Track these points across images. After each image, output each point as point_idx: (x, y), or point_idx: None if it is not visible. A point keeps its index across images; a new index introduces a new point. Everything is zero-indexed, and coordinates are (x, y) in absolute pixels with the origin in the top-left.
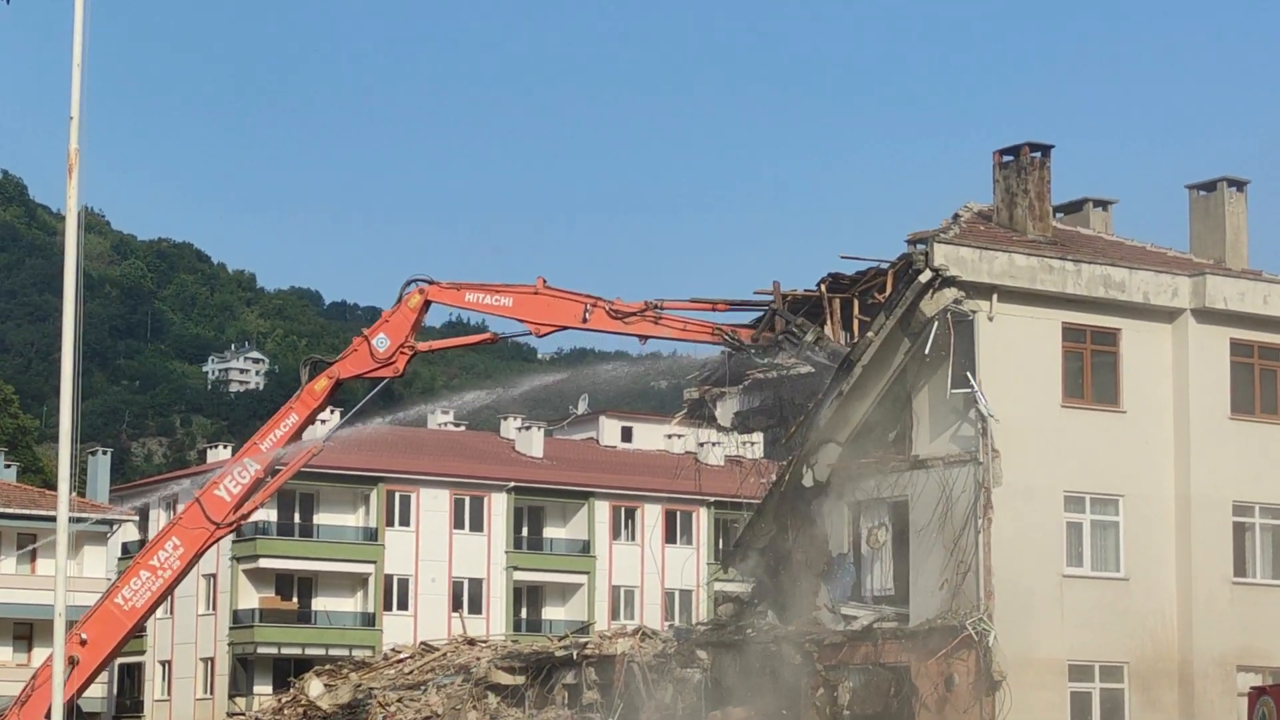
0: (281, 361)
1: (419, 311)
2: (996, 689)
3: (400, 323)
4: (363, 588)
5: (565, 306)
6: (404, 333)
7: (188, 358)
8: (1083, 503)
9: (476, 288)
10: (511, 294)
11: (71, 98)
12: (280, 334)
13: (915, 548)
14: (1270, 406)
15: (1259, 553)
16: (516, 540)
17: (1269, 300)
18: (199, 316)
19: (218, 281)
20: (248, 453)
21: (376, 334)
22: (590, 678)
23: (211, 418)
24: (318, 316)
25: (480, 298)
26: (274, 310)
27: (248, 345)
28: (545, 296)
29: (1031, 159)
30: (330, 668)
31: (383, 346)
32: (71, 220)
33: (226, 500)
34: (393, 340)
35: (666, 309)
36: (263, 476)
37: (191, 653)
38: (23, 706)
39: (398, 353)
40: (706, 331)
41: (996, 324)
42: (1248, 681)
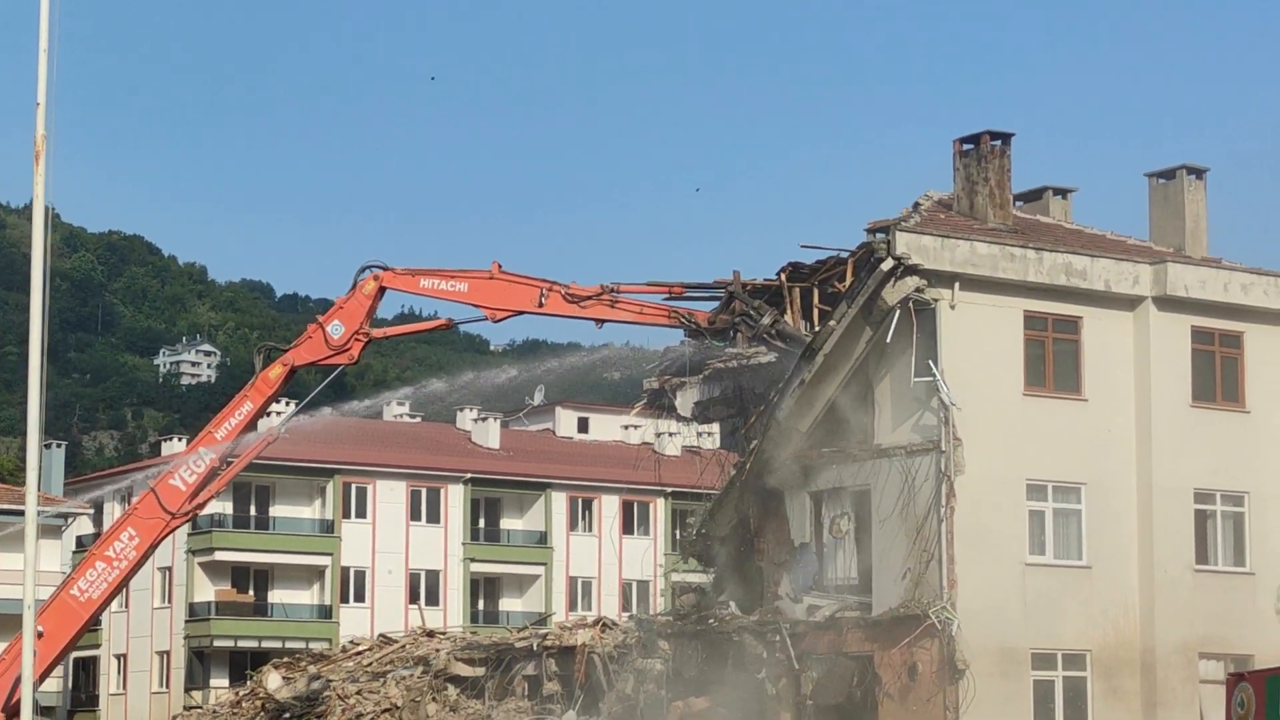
0: (233, 354)
1: (374, 298)
2: (960, 678)
3: (355, 309)
4: (319, 580)
5: (521, 291)
6: (359, 319)
7: (139, 351)
8: (1045, 491)
9: (431, 273)
10: (467, 279)
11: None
12: (232, 326)
13: (878, 537)
14: (1231, 394)
15: (1220, 540)
16: (473, 532)
17: (1229, 288)
18: (150, 309)
19: (168, 274)
20: (202, 442)
21: (331, 321)
22: (551, 669)
23: (163, 410)
24: (269, 309)
25: (435, 283)
26: (225, 303)
27: (199, 338)
28: (500, 281)
29: (992, 147)
30: (288, 660)
31: (337, 333)
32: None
33: (182, 490)
34: (347, 327)
35: (623, 293)
36: (218, 466)
37: (147, 646)
38: None
39: (352, 339)
40: (663, 315)
41: (958, 312)
42: (1209, 669)
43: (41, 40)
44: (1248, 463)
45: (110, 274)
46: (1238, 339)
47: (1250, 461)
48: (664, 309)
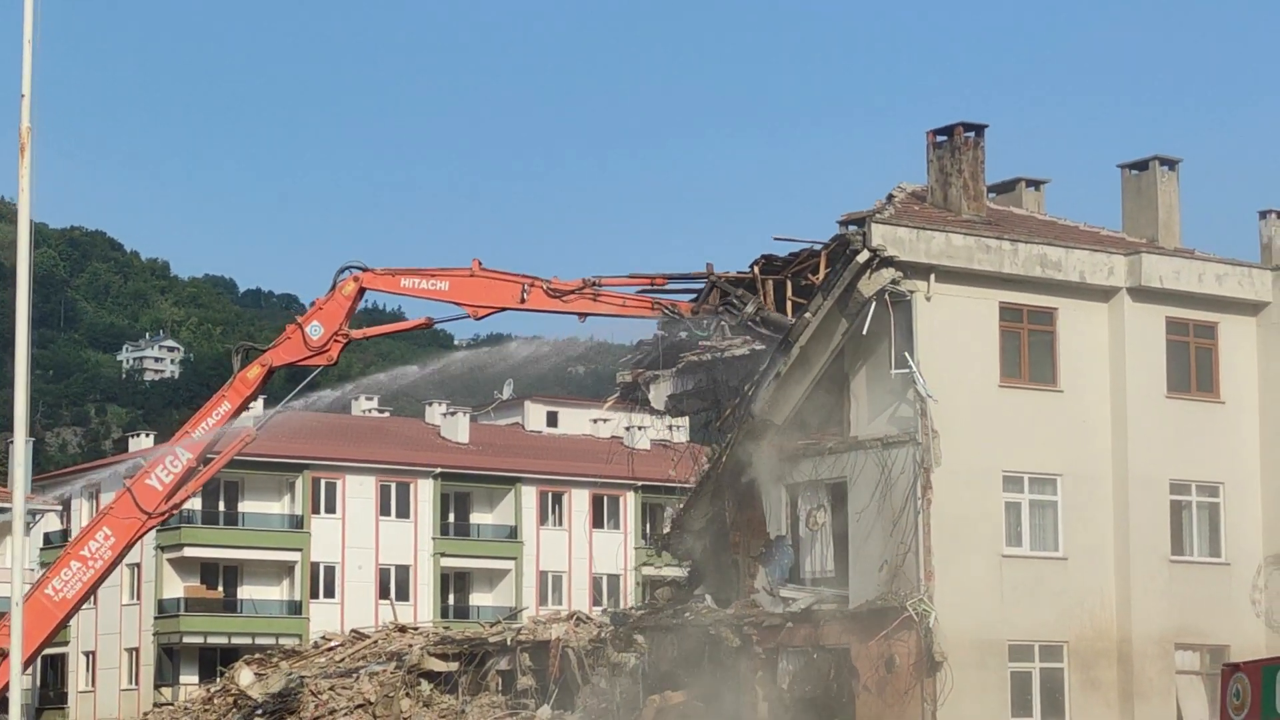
0: (196, 350)
1: (353, 299)
2: (937, 670)
3: (334, 310)
4: (289, 576)
5: (502, 287)
6: (338, 320)
7: (102, 347)
8: (1021, 482)
9: (411, 273)
10: (447, 278)
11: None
12: (195, 322)
13: (854, 529)
14: (1206, 385)
15: (1195, 531)
16: (443, 526)
17: (1203, 278)
18: (112, 305)
19: (131, 270)
20: (179, 441)
21: (310, 321)
22: (525, 664)
23: (127, 406)
24: (232, 304)
25: (416, 283)
26: (188, 298)
27: (162, 334)
28: (481, 278)
29: (965, 139)
30: (260, 656)
31: (316, 334)
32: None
33: (158, 489)
34: (327, 328)
35: (604, 286)
36: (195, 465)
37: (116, 643)
38: None
39: (331, 340)
40: (646, 306)
41: (934, 304)
42: (1186, 660)
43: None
44: (1222, 453)
45: (72, 270)
46: (1212, 329)
47: (1225, 452)
48: (647, 300)
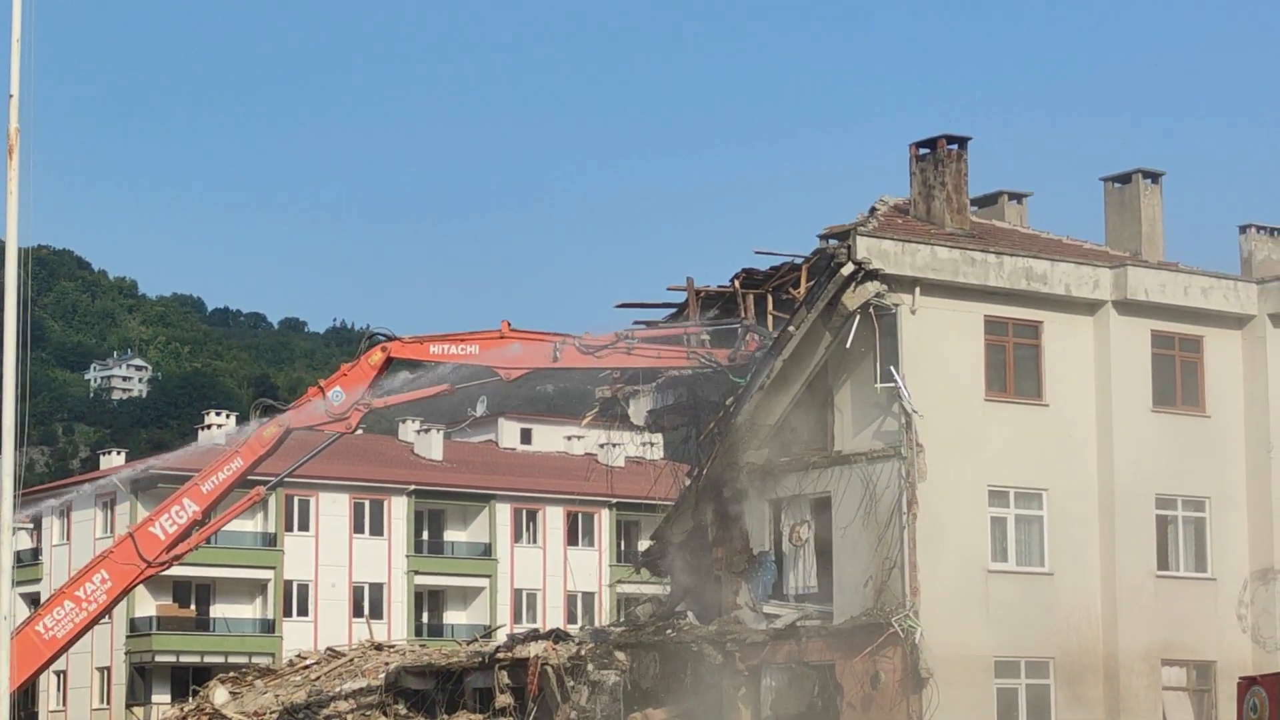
0: (164, 368)
1: (379, 369)
2: (923, 686)
3: (358, 379)
4: (262, 594)
5: (534, 348)
6: (360, 390)
7: (69, 366)
8: (1006, 497)
9: (440, 339)
10: (477, 341)
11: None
12: (163, 341)
13: (839, 545)
14: (1192, 399)
15: (1181, 546)
16: (417, 544)
17: (1189, 291)
18: (80, 324)
19: (99, 288)
20: (187, 493)
21: (332, 387)
22: (503, 681)
23: (94, 426)
24: (201, 323)
25: (446, 348)
26: (156, 317)
27: (130, 352)
28: (512, 340)
29: (948, 151)
30: (235, 675)
31: (338, 401)
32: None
33: (161, 539)
34: (348, 396)
35: (638, 337)
36: (199, 518)
37: (87, 662)
38: None
39: (353, 409)
40: (681, 356)
41: (919, 317)
42: (1172, 676)
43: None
44: (1208, 468)
45: (39, 288)
46: (1197, 343)
47: (1211, 467)
48: (682, 351)
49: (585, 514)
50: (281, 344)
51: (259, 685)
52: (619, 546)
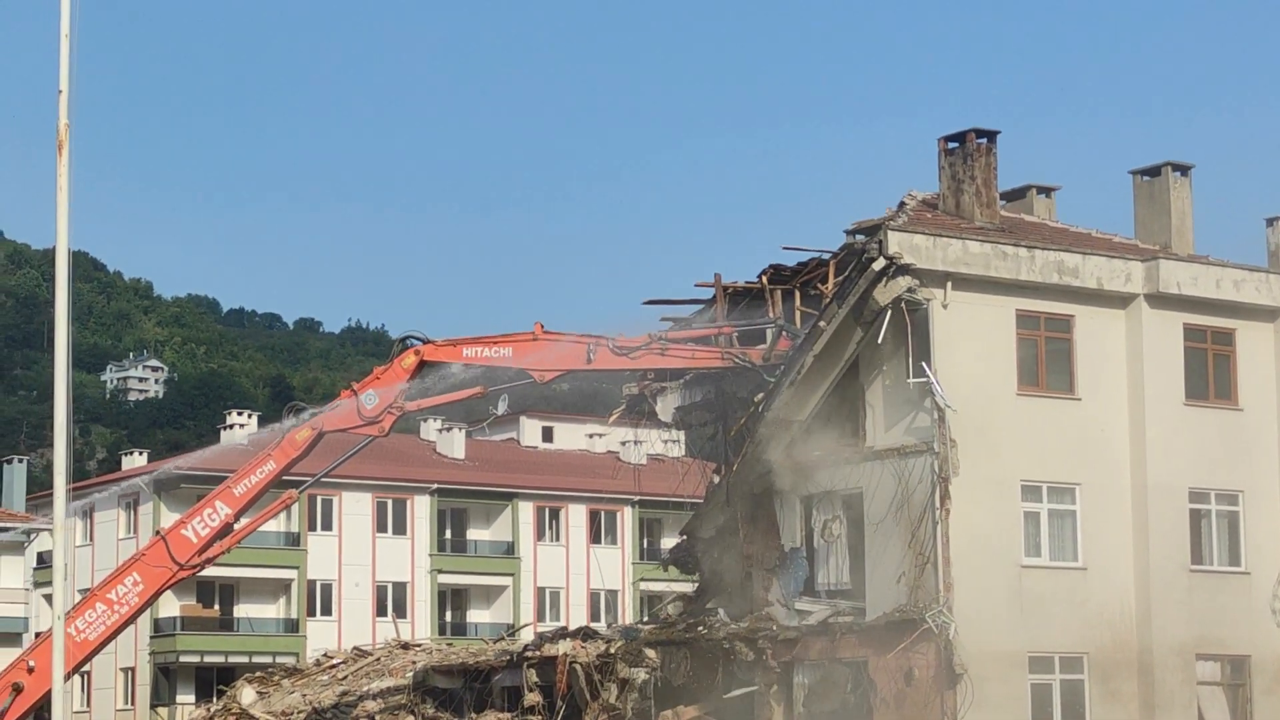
0: (180, 369)
1: (412, 372)
2: (957, 682)
3: (391, 382)
4: (285, 594)
5: (568, 349)
6: (394, 393)
7: (85, 367)
8: (1040, 492)
9: (473, 342)
10: (510, 344)
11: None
12: (179, 342)
13: (871, 540)
14: (1224, 392)
15: (1215, 540)
16: (440, 543)
17: (1221, 284)
18: (96, 325)
19: (114, 290)
20: (220, 496)
21: (365, 390)
22: (531, 680)
23: (111, 427)
24: (216, 324)
25: (479, 351)
26: (171, 318)
27: (146, 354)
28: (545, 342)
29: (977, 145)
30: (262, 674)
31: (370, 404)
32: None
33: (193, 541)
34: (382, 400)
35: (670, 338)
36: (231, 520)
37: (111, 663)
38: None
39: (385, 413)
40: (715, 357)
41: (950, 312)
42: (1207, 670)
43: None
44: (1241, 461)
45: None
46: (1230, 336)
47: (1244, 460)
48: (716, 352)
49: (608, 512)
50: (297, 344)
51: (286, 685)
52: (642, 544)
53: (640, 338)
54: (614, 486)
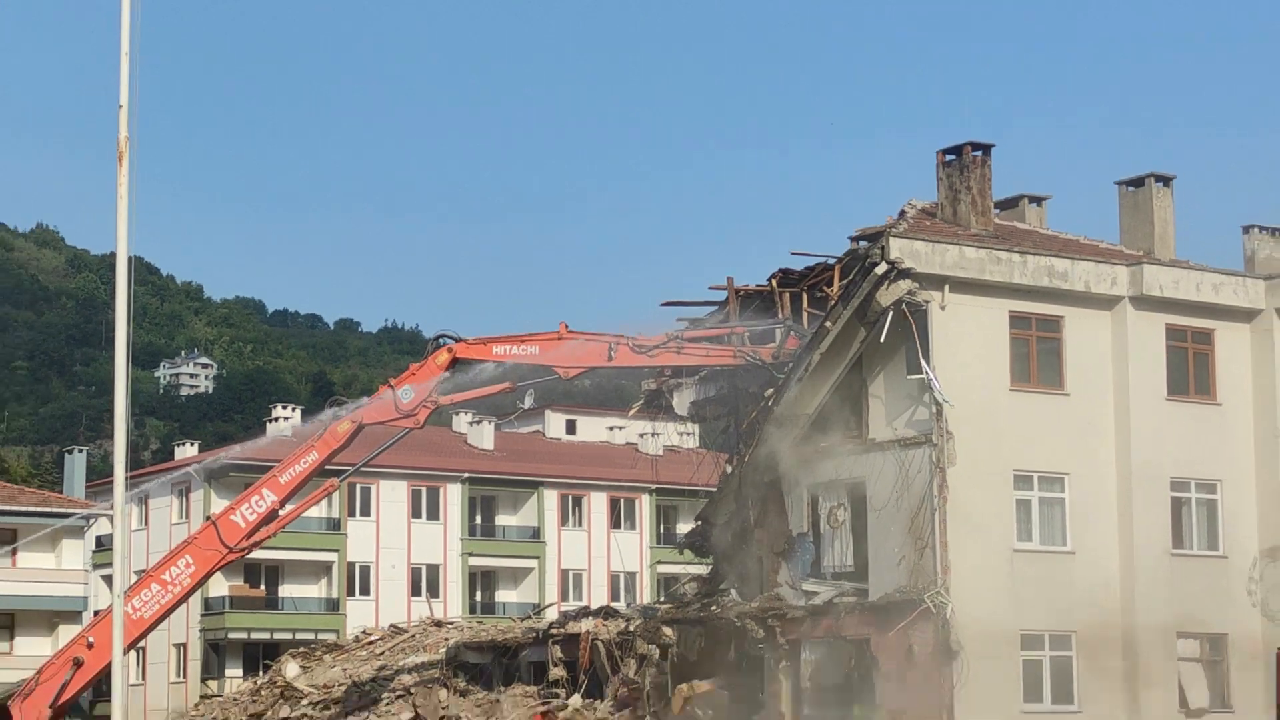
0: (229, 366)
1: (445, 369)
2: (954, 659)
3: (426, 378)
4: (326, 575)
5: (591, 348)
6: (429, 388)
7: (140, 364)
8: (1031, 481)
9: (503, 340)
10: (537, 343)
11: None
12: (227, 340)
13: (873, 526)
14: (1203, 388)
15: (1195, 525)
16: (471, 528)
17: (1201, 288)
18: (150, 325)
19: (167, 292)
20: (266, 484)
21: (402, 385)
22: (556, 655)
23: (164, 420)
24: (261, 324)
25: (508, 349)
26: (220, 319)
27: (196, 352)
28: (570, 341)
29: (973, 157)
30: (304, 650)
31: (407, 398)
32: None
33: (241, 526)
34: (417, 394)
35: (687, 338)
36: (277, 506)
37: (165, 639)
38: (25, 699)
39: (420, 406)
40: (728, 356)
41: (948, 313)
42: (1187, 648)
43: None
44: (1219, 453)
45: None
46: (1209, 336)
47: (1222, 451)
48: (729, 350)
49: (627, 499)
50: (337, 343)
51: (327, 660)
52: (659, 529)
53: (658, 337)
54: (633, 475)
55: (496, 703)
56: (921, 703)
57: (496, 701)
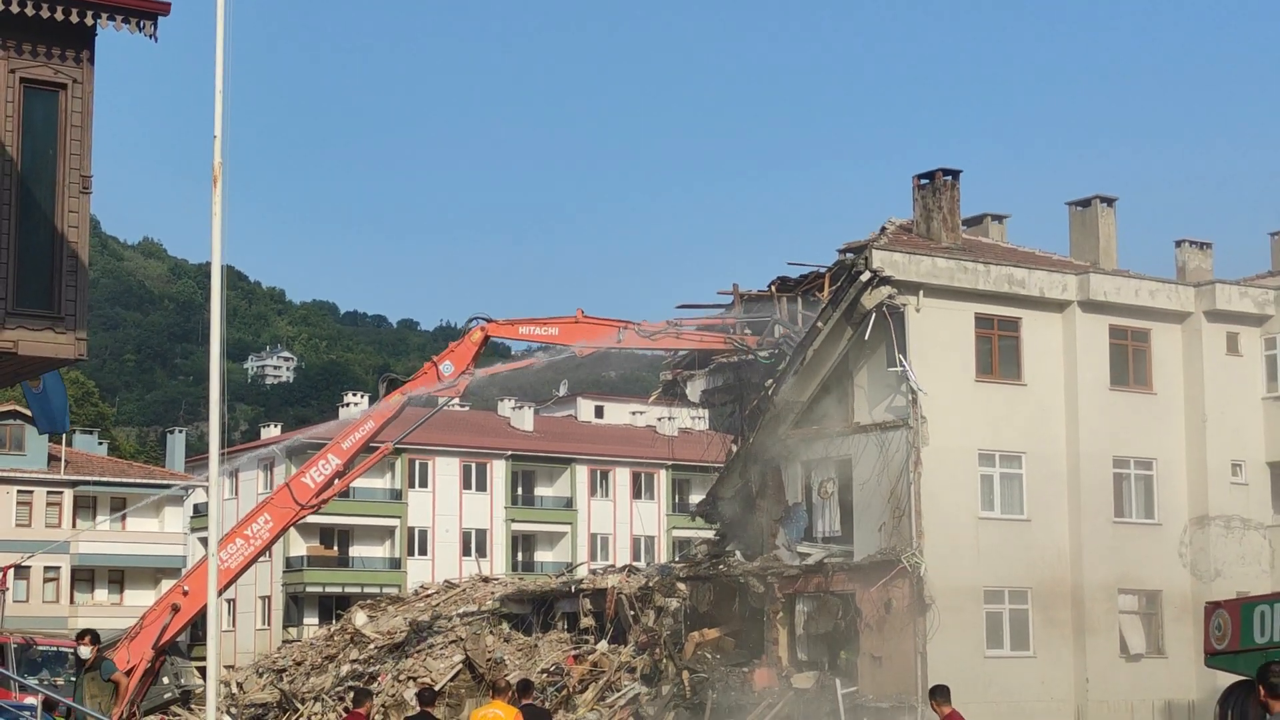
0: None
1: (479, 345)
2: (926, 611)
3: (463, 354)
4: (390, 538)
5: (602, 331)
6: (465, 362)
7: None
8: (993, 459)
9: (527, 322)
10: (557, 325)
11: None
12: (305, 338)
13: (858, 497)
14: (1141, 379)
15: (1133, 498)
16: (513, 498)
17: (1139, 293)
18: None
19: (254, 296)
20: (331, 449)
21: (443, 361)
22: (586, 607)
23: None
24: (335, 324)
25: (532, 330)
26: (299, 319)
27: (279, 347)
28: (585, 325)
29: (944, 181)
30: (371, 602)
31: (448, 372)
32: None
33: (311, 487)
34: (456, 368)
35: (685, 325)
36: (341, 469)
37: (252, 592)
38: (132, 640)
39: (459, 378)
40: (720, 340)
41: (922, 315)
42: (1126, 602)
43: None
44: (1155, 435)
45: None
46: (1146, 335)
47: (1157, 434)
48: (720, 337)
49: (647, 474)
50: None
51: (390, 610)
52: (674, 500)
53: (660, 324)
54: (652, 454)
55: (535, 647)
56: (899, 649)
57: (535, 646)
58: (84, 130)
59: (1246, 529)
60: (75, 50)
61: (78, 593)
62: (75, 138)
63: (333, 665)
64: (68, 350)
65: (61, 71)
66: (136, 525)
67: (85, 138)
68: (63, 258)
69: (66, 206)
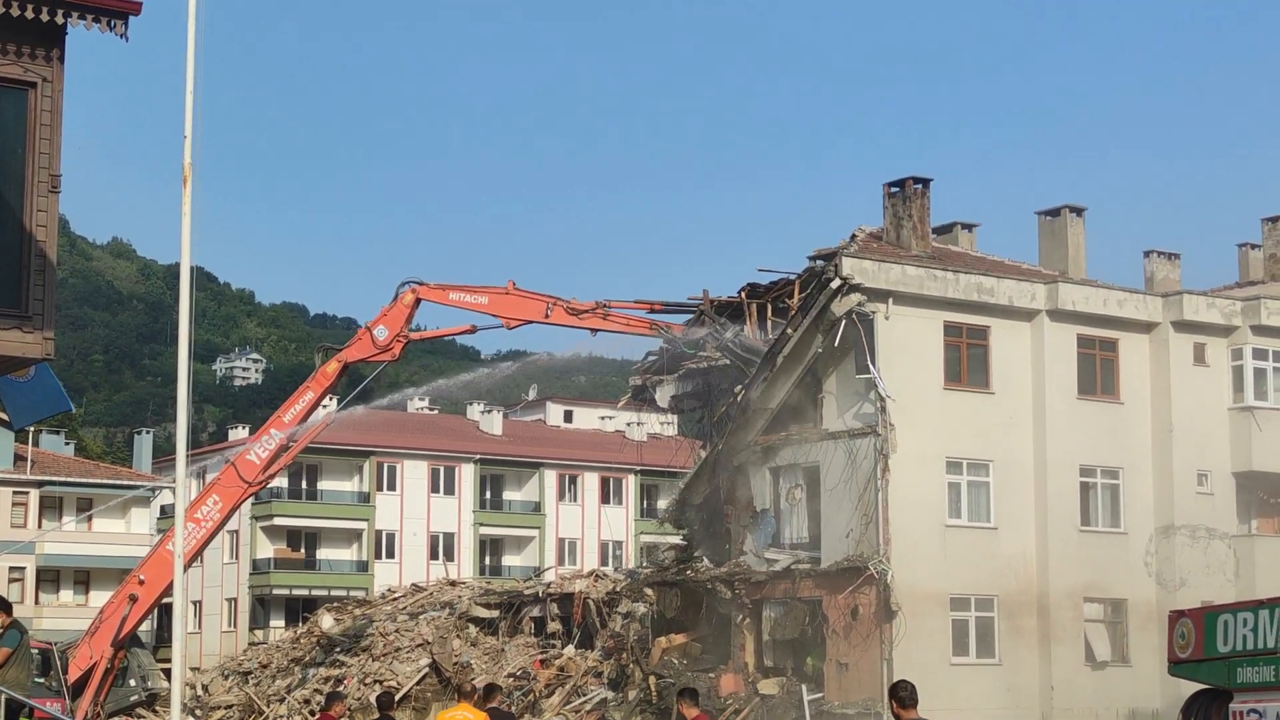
0: (276, 361)
1: (411, 307)
2: (893, 617)
3: (396, 316)
4: (357, 541)
5: (531, 304)
6: (399, 325)
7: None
8: (961, 466)
9: (458, 288)
10: (487, 294)
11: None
12: (274, 339)
13: (826, 504)
14: (1109, 388)
15: (1100, 506)
16: (481, 502)
17: (1107, 303)
18: (208, 325)
19: (223, 297)
20: (272, 425)
21: (377, 325)
22: (553, 611)
23: (219, 406)
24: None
25: (462, 296)
26: (269, 320)
27: (248, 348)
28: (514, 296)
29: (914, 189)
30: (337, 605)
31: (382, 336)
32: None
33: (256, 464)
34: (390, 330)
35: (613, 308)
36: (285, 444)
37: (218, 594)
38: (92, 637)
39: (394, 341)
40: (645, 326)
41: (891, 322)
42: (1092, 610)
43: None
44: (1121, 444)
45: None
46: (1114, 344)
47: (1123, 443)
48: (646, 322)
49: (615, 479)
50: None
51: (357, 613)
52: (643, 505)
53: (588, 303)
54: (621, 458)
55: (502, 651)
56: (865, 655)
57: (502, 650)
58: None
59: (1212, 539)
60: (45, 49)
61: (43, 593)
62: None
63: (298, 668)
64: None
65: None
66: (103, 526)
67: (55, 137)
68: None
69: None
